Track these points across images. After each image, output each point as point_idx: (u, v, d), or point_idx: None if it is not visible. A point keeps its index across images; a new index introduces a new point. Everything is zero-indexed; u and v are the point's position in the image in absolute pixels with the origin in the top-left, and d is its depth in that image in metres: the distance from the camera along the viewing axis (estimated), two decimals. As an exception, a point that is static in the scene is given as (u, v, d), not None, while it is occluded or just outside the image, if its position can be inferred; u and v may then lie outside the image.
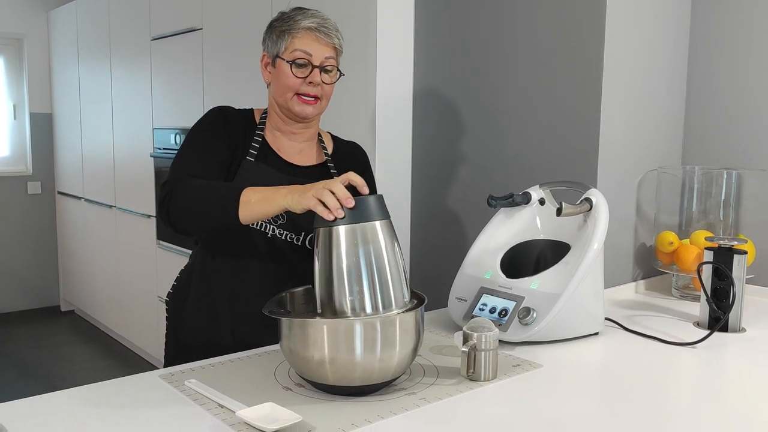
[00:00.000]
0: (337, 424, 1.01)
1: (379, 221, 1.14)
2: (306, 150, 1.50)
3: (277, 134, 1.47)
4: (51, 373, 3.83)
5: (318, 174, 1.46)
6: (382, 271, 1.12)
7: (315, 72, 1.39)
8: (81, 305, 4.82)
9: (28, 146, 4.88)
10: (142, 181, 3.71)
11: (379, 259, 1.12)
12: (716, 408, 1.12)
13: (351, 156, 1.56)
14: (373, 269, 1.11)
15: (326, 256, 1.12)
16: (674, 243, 1.84)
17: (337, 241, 1.11)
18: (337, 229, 1.12)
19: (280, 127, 1.46)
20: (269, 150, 1.45)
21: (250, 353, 1.32)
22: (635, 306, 1.76)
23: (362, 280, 1.11)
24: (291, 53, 1.38)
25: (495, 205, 1.56)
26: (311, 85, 1.39)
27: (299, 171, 1.45)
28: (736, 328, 1.53)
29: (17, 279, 4.94)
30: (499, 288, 1.47)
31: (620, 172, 1.86)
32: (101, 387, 1.14)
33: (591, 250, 1.41)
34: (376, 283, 1.12)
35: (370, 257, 1.11)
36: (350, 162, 1.54)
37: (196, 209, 1.30)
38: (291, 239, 1.40)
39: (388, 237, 1.14)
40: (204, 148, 1.39)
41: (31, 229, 4.94)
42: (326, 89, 1.42)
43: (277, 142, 1.47)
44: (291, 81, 1.39)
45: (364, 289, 1.11)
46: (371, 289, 1.11)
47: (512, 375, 1.23)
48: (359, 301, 1.11)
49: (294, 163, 1.46)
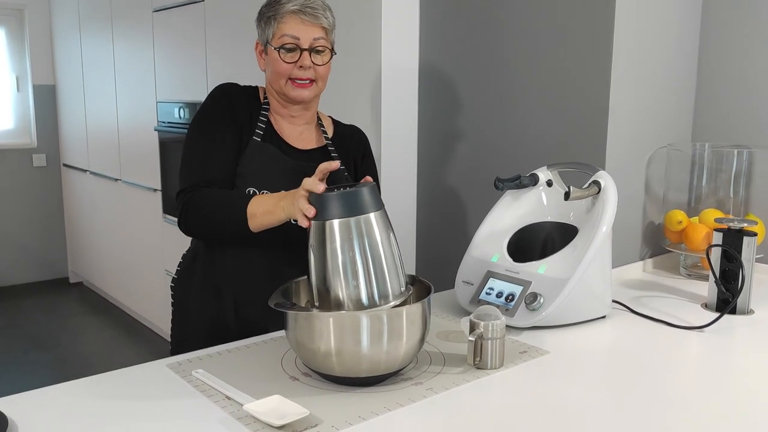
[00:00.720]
0: (345, 417, 1.01)
1: (374, 213, 1.12)
2: (306, 133, 1.49)
3: (278, 118, 1.46)
4: (60, 346, 3.87)
5: (319, 157, 1.45)
6: (378, 263, 1.11)
7: (305, 55, 1.37)
8: (89, 277, 4.85)
9: (32, 118, 4.85)
10: (147, 154, 3.69)
11: (374, 251, 1.11)
12: (723, 393, 1.11)
13: (351, 139, 1.54)
14: (369, 262, 1.10)
15: (321, 249, 1.11)
16: (683, 222, 1.82)
17: (331, 235, 1.11)
18: (330, 223, 1.11)
19: (279, 111, 1.46)
20: (273, 132, 1.45)
21: (256, 340, 1.32)
22: (643, 286, 1.75)
23: (358, 273, 1.10)
24: (279, 39, 1.37)
25: (502, 187, 1.54)
26: (302, 69, 1.38)
27: (301, 155, 1.44)
28: (744, 310, 1.53)
29: (26, 251, 4.97)
30: (506, 272, 1.46)
31: (629, 149, 1.83)
32: (108, 378, 1.15)
33: (599, 234, 1.39)
34: (372, 275, 1.11)
35: (365, 250, 1.10)
36: (351, 145, 1.53)
37: (212, 226, 1.36)
38: (295, 221, 1.39)
39: (383, 228, 1.13)
40: (212, 136, 1.38)
41: (38, 202, 4.94)
42: (320, 71, 1.40)
43: (279, 125, 1.46)
44: (282, 67, 1.37)
45: (360, 282, 1.11)
46: (367, 281, 1.11)
47: (519, 363, 1.23)
48: (356, 293, 1.10)
49: (295, 146, 1.46)
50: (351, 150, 1.52)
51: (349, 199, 1.12)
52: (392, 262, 1.13)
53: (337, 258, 1.10)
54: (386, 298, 1.12)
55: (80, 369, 3.53)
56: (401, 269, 1.16)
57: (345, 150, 1.51)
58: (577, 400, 1.09)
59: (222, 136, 1.39)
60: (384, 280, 1.12)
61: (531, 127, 1.95)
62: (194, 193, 1.35)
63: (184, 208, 1.35)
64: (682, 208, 1.91)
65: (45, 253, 5.04)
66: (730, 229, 1.52)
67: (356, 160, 1.52)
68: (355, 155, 1.53)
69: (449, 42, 2.16)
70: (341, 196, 1.12)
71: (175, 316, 1.47)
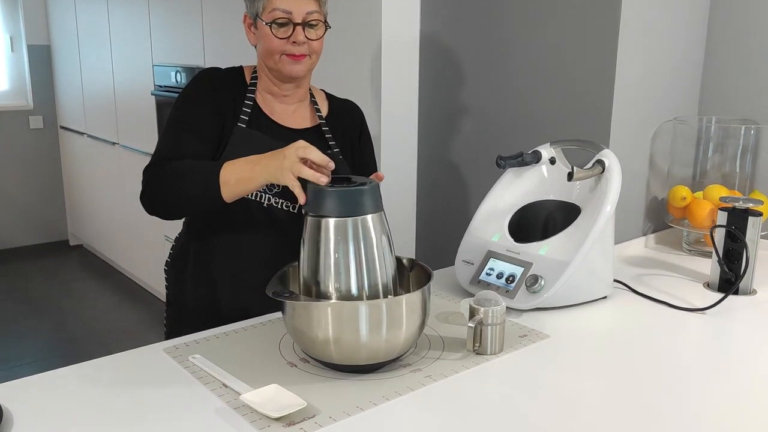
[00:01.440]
0: (342, 407, 1.00)
1: (371, 215, 1.09)
2: (299, 111, 1.44)
3: (269, 97, 1.41)
4: (61, 311, 3.88)
5: (312, 138, 1.40)
6: (371, 266, 1.09)
7: (298, 30, 1.31)
8: (89, 240, 4.85)
9: (27, 80, 4.78)
10: (144, 119, 3.64)
11: (369, 254, 1.09)
12: (726, 377, 1.10)
13: (347, 116, 1.49)
14: (362, 264, 1.09)
15: (314, 246, 1.09)
16: (687, 198, 1.80)
17: (325, 234, 1.08)
18: (326, 222, 1.08)
19: (271, 89, 1.40)
20: (261, 114, 1.39)
21: (254, 322, 1.31)
22: (644, 263, 1.74)
23: (350, 274, 1.08)
24: (270, 14, 1.31)
25: (504, 165, 1.51)
26: (296, 45, 1.32)
27: (293, 135, 1.40)
28: (747, 291, 1.51)
29: (25, 214, 4.95)
30: (507, 252, 1.44)
31: (634, 123, 1.79)
32: (105, 363, 1.14)
33: (602, 216, 1.37)
34: (364, 277, 1.09)
35: (360, 252, 1.08)
36: (347, 122, 1.48)
37: (175, 197, 1.26)
38: (287, 207, 1.36)
39: (379, 230, 1.10)
40: (188, 123, 1.33)
41: (36, 164, 4.91)
42: (314, 45, 1.34)
43: (269, 105, 1.41)
44: (274, 43, 1.32)
45: (351, 284, 1.09)
46: (359, 283, 1.09)
47: (518, 347, 1.22)
48: (346, 292, 1.09)
49: (288, 126, 1.41)
50: (347, 129, 1.47)
51: (350, 198, 1.08)
52: (385, 266, 1.11)
53: (329, 259, 1.08)
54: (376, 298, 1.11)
55: (81, 335, 3.55)
56: (394, 273, 1.14)
57: (341, 130, 1.46)
58: (576, 387, 1.08)
59: (199, 124, 1.33)
60: (375, 283, 1.10)
61: (535, 101, 1.91)
62: (158, 167, 1.29)
63: (147, 183, 1.28)
64: (686, 182, 1.88)
65: (44, 216, 5.02)
66: (735, 209, 1.50)
67: (353, 139, 1.48)
68: (351, 135, 1.48)
69: (451, 13, 2.10)
70: (342, 194, 1.08)
71: (169, 303, 1.45)
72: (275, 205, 1.36)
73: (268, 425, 0.95)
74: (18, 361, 3.22)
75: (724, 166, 1.86)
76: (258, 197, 1.35)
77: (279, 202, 1.36)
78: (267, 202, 1.36)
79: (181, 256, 1.41)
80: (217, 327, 1.28)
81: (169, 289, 1.44)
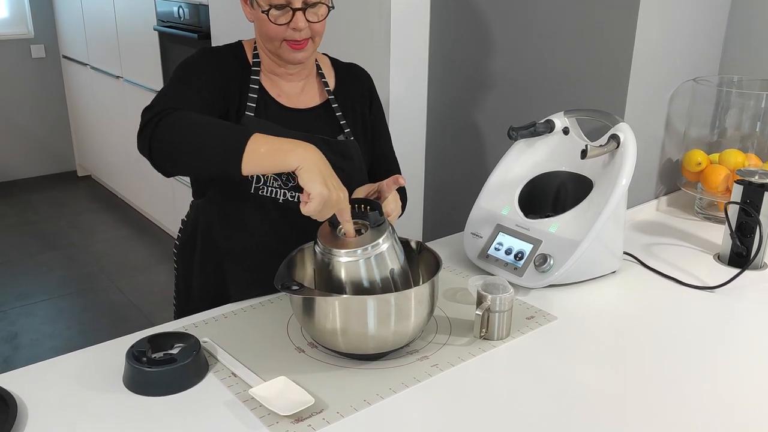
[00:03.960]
0: (350, 401, 1.01)
1: (386, 246, 1.08)
2: (308, 88, 1.36)
3: (274, 78, 1.33)
4: (72, 244, 3.93)
5: (322, 117, 1.35)
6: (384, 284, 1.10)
7: (298, 16, 1.21)
8: (97, 172, 4.84)
9: (26, 6, 4.65)
10: (147, 54, 3.55)
11: (385, 285, 1.09)
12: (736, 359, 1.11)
13: (356, 86, 1.42)
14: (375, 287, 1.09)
15: (325, 276, 1.10)
16: (702, 163, 1.76)
17: (337, 271, 1.08)
18: (338, 263, 1.07)
19: (275, 70, 1.32)
20: (269, 98, 1.31)
21: (262, 300, 1.31)
22: (655, 230, 1.72)
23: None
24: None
25: (516, 137, 1.47)
26: (296, 31, 1.22)
27: (303, 116, 1.33)
28: (757, 265, 1.50)
29: (32, 144, 4.93)
30: (517, 227, 1.42)
31: (653, 83, 1.73)
32: (114, 346, 1.14)
33: (615, 195, 1.34)
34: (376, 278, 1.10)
35: (376, 286, 1.09)
36: (355, 91, 1.41)
37: (188, 147, 1.09)
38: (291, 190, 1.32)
39: (393, 258, 1.10)
40: (196, 85, 1.23)
41: (40, 94, 4.84)
42: (316, 27, 1.24)
43: (276, 87, 1.33)
44: (273, 29, 1.22)
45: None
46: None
47: (526, 331, 1.22)
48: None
49: (297, 107, 1.34)
50: (357, 101, 1.40)
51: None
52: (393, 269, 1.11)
53: (343, 292, 1.08)
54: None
55: (92, 271, 3.60)
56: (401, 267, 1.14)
57: (351, 103, 1.39)
58: (583, 375, 1.09)
59: (208, 90, 1.23)
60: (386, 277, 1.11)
61: (552, 60, 1.84)
62: (170, 110, 1.12)
63: (153, 122, 1.11)
64: (703, 144, 1.84)
65: (51, 146, 5.00)
66: (752, 183, 1.46)
67: (364, 111, 1.42)
68: (362, 106, 1.42)
69: (465, -45, 1.99)
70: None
71: (178, 288, 1.44)
72: (291, 199, 1.30)
73: (276, 421, 0.96)
74: (32, 298, 3.28)
75: (743, 128, 1.81)
76: (273, 194, 1.29)
77: (296, 195, 1.31)
78: (282, 198, 1.30)
79: (189, 240, 1.38)
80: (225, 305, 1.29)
81: (178, 272, 1.43)
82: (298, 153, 1.05)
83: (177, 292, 1.45)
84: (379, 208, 1.12)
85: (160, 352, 1.08)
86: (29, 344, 2.88)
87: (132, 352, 1.05)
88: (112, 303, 3.26)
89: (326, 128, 1.36)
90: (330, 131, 1.36)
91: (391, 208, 1.23)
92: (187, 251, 1.39)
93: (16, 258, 3.75)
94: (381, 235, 1.08)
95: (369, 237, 1.09)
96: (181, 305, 1.43)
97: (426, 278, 1.20)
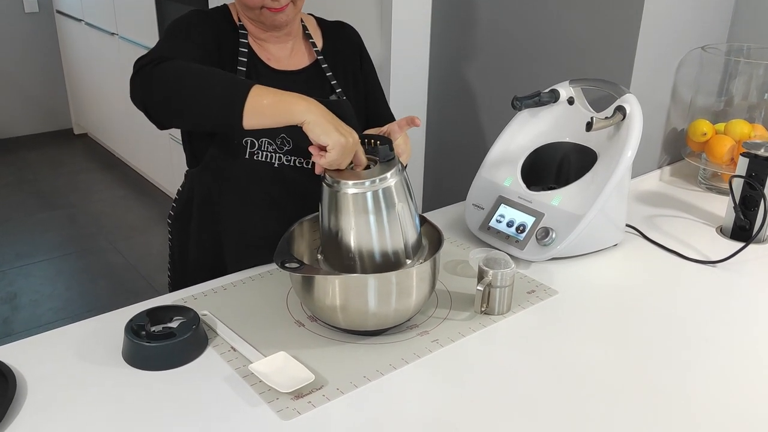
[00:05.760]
0: (350, 377, 1.01)
1: (394, 181, 1.05)
2: (296, 49, 1.33)
3: (260, 42, 1.30)
4: (70, 204, 3.91)
5: (312, 77, 1.32)
6: (395, 234, 1.07)
7: None
8: (93, 130, 4.79)
9: (18, -41, 4.54)
10: (143, 11, 3.48)
11: (392, 223, 1.06)
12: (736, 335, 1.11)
13: (344, 44, 1.38)
14: (385, 235, 1.06)
15: (333, 217, 1.06)
16: (708, 134, 1.73)
17: (345, 206, 1.04)
18: (345, 195, 1.04)
19: (260, 35, 1.29)
20: (258, 61, 1.29)
21: (261, 271, 1.30)
22: (658, 202, 1.70)
23: (372, 245, 1.06)
24: None
25: (520, 107, 1.44)
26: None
27: (294, 78, 1.31)
28: (760, 239, 1.49)
29: (27, 101, 4.87)
30: (519, 200, 1.41)
31: (661, 51, 1.69)
32: (112, 318, 1.13)
33: (619, 169, 1.32)
34: (388, 246, 1.07)
35: (382, 223, 1.05)
36: (345, 52, 1.38)
37: (186, 95, 1.03)
38: (300, 164, 1.31)
39: (402, 196, 1.06)
40: (192, 37, 1.20)
41: (35, 51, 4.76)
42: None
43: (264, 51, 1.30)
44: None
45: (374, 253, 1.07)
46: (381, 252, 1.07)
47: (526, 306, 1.22)
48: (368, 259, 1.07)
49: (287, 69, 1.31)
50: (347, 60, 1.36)
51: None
52: (401, 235, 1.08)
53: (349, 232, 1.05)
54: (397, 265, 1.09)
55: (90, 232, 3.59)
56: (415, 235, 1.11)
57: (341, 63, 1.36)
58: (583, 351, 1.09)
59: (200, 50, 1.19)
60: (397, 250, 1.08)
61: (557, 27, 1.79)
62: (167, 57, 1.07)
63: (148, 68, 1.06)
64: (709, 113, 1.81)
65: (47, 104, 4.94)
66: (757, 156, 1.44)
67: (355, 70, 1.39)
68: (352, 65, 1.38)
69: None
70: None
71: (173, 258, 1.43)
72: (287, 163, 1.29)
73: (276, 397, 0.96)
74: (31, 258, 3.27)
75: (751, 97, 1.78)
76: (269, 158, 1.28)
77: (291, 159, 1.29)
78: (278, 163, 1.29)
79: (184, 210, 1.37)
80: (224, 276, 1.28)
81: (172, 242, 1.42)
82: (302, 105, 1.03)
83: (172, 263, 1.43)
84: (390, 143, 1.10)
85: (159, 325, 1.08)
86: (28, 305, 2.88)
87: (131, 327, 1.05)
88: (111, 264, 3.26)
89: (317, 89, 1.33)
90: (321, 92, 1.34)
91: (402, 149, 1.20)
92: (183, 221, 1.38)
93: (13, 217, 3.73)
94: (390, 169, 1.06)
95: (377, 170, 1.06)
96: (176, 277, 1.42)
97: (427, 253, 1.19)
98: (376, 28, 1.94)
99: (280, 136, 1.28)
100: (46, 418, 0.92)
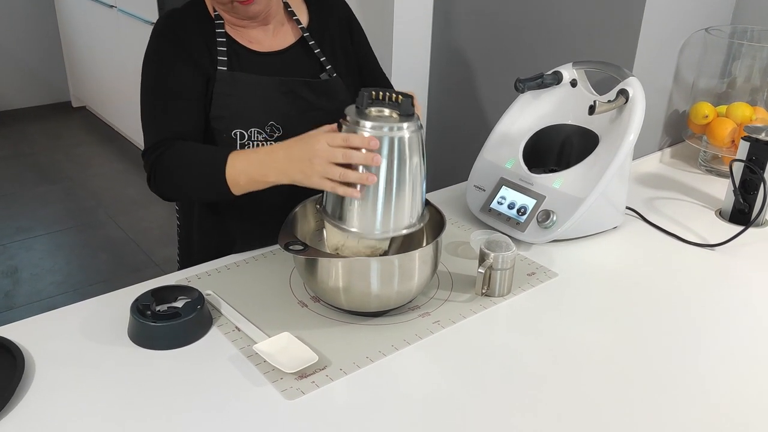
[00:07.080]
0: (352, 358, 1.03)
1: (411, 134, 1.04)
2: (278, 29, 1.30)
3: (239, 28, 1.26)
4: (69, 178, 3.90)
5: (299, 55, 1.29)
6: (402, 190, 1.04)
7: None
8: (91, 103, 4.77)
9: (14, -72, 4.48)
10: (141, -17, 3.44)
11: (401, 177, 1.04)
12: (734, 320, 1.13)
13: (331, 18, 1.35)
14: (392, 186, 1.03)
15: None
16: (709, 116, 1.73)
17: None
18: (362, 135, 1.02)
19: (237, 22, 1.25)
20: (239, 48, 1.26)
21: (265, 251, 1.31)
22: (658, 184, 1.71)
23: (377, 203, 1.05)
24: None
25: (523, 89, 1.44)
26: None
27: (278, 58, 1.28)
28: (759, 223, 1.50)
29: (25, 74, 4.83)
30: (520, 182, 1.41)
31: (664, 33, 1.69)
32: (118, 297, 1.15)
33: (621, 152, 1.33)
34: (392, 206, 1.05)
35: (392, 172, 1.03)
36: (331, 23, 1.34)
37: (187, 192, 1.25)
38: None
39: (416, 152, 1.05)
40: (167, 89, 1.20)
41: (31, 22, 4.71)
42: None
43: (245, 36, 1.27)
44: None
45: (377, 214, 1.05)
46: (385, 213, 1.05)
47: (527, 288, 1.23)
48: (371, 223, 1.05)
49: (271, 51, 1.28)
50: (335, 33, 1.33)
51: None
52: (412, 193, 1.06)
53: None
54: (398, 229, 1.08)
55: (89, 206, 3.59)
56: (420, 200, 1.09)
57: (329, 37, 1.33)
58: (582, 334, 1.10)
59: (179, 87, 1.21)
60: (400, 213, 1.06)
61: (561, 9, 1.78)
62: (162, 152, 1.18)
63: (152, 171, 1.21)
64: (711, 96, 1.81)
65: (45, 76, 4.90)
66: (758, 140, 1.45)
67: (345, 43, 1.36)
68: (342, 38, 1.35)
69: None
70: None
71: (181, 238, 1.43)
72: None
73: (280, 377, 0.98)
74: (31, 232, 3.28)
75: (754, 80, 1.78)
76: (261, 146, 1.25)
77: None
78: None
79: None
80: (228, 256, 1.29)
81: (180, 222, 1.42)
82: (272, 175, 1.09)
83: (180, 242, 1.44)
84: (412, 99, 1.08)
85: (164, 305, 1.09)
86: (30, 279, 2.90)
87: (136, 306, 1.06)
88: (111, 238, 3.27)
89: (305, 67, 1.31)
90: (310, 70, 1.31)
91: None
92: (187, 207, 1.39)
93: (12, 191, 3.73)
94: (409, 121, 1.05)
95: (397, 120, 1.05)
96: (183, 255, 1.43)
97: (429, 235, 1.20)
98: (378, 7, 1.93)
99: (269, 123, 1.26)
100: (54, 395, 0.94)
